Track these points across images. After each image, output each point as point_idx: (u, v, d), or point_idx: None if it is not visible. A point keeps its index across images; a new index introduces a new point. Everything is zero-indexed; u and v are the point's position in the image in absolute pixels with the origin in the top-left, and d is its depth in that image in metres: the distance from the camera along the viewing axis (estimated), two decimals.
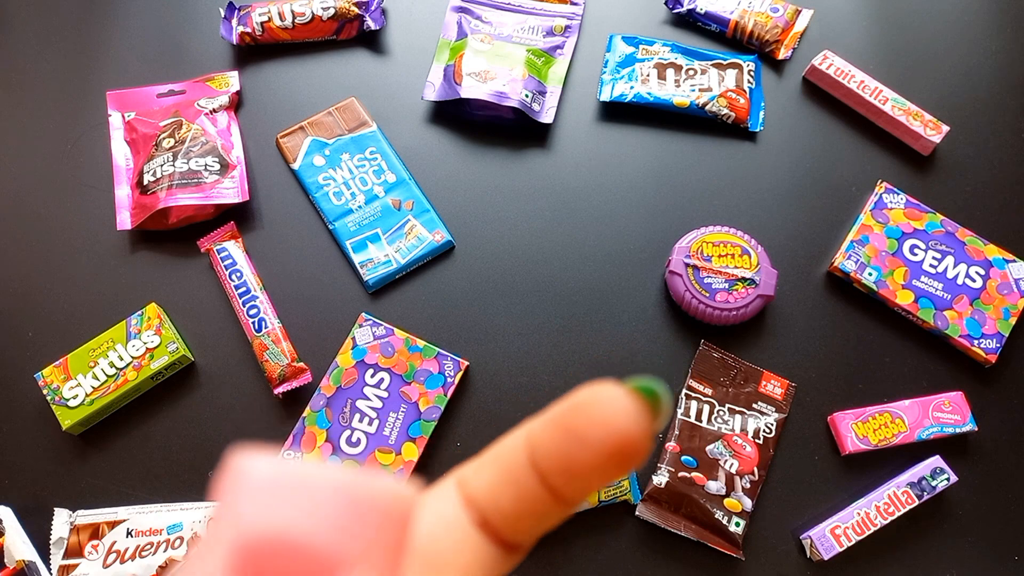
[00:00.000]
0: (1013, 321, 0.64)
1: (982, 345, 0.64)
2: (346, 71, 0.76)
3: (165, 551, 0.56)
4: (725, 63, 0.75)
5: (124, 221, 0.68)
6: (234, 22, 0.75)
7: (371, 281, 0.66)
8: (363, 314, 0.64)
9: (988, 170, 0.73)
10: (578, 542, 0.59)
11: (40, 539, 0.57)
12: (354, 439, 0.60)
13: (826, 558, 0.57)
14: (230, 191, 0.68)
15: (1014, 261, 0.66)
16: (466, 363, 0.63)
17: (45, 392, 0.60)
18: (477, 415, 0.63)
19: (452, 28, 0.77)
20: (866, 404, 0.63)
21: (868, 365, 0.65)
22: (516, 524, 0.15)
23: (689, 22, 0.79)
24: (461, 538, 0.15)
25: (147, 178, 0.68)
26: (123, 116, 0.72)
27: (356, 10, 0.75)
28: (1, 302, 0.66)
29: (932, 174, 0.72)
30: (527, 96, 0.72)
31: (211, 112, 0.72)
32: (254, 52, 0.77)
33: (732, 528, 0.57)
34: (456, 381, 0.62)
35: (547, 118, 0.73)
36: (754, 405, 0.62)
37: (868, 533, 0.58)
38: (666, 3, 0.79)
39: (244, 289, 0.64)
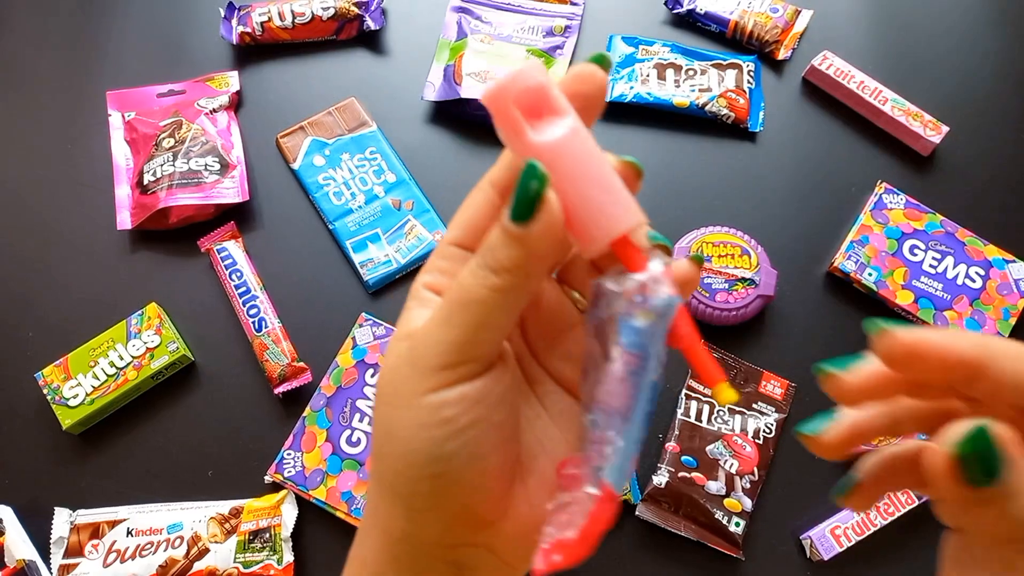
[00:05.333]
0: (1013, 322, 0.64)
1: None
2: (346, 71, 0.76)
3: (165, 551, 0.56)
4: (725, 63, 0.75)
5: (124, 221, 0.68)
6: (234, 22, 0.75)
7: (371, 281, 0.66)
8: (363, 314, 0.64)
9: (988, 170, 0.73)
10: None
11: (40, 538, 0.57)
12: (354, 439, 0.60)
13: (826, 558, 0.57)
14: (230, 191, 0.68)
15: (1014, 261, 0.66)
16: None
17: (45, 392, 0.60)
18: None
19: (452, 28, 0.77)
20: None
21: None
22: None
23: (689, 22, 0.79)
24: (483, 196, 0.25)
25: (147, 178, 0.68)
26: (123, 116, 0.72)
27: (356, 10, 0.75)
28: (1, 301, 0.66)
29: (932, 174, 0.73)
30: None
31: (211, 112, 0.72)
32: (254, 52, 0.77)
33: (732, 528, 0.57)
34: None
35: None
36: (754, 405, 0.62)
37: (868, 533, 0.58)
38: (666, 3, 0.79)
39: (244, 289, 0.64)
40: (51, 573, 0.56)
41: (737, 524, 0.58)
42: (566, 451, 0.25)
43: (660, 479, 0.58)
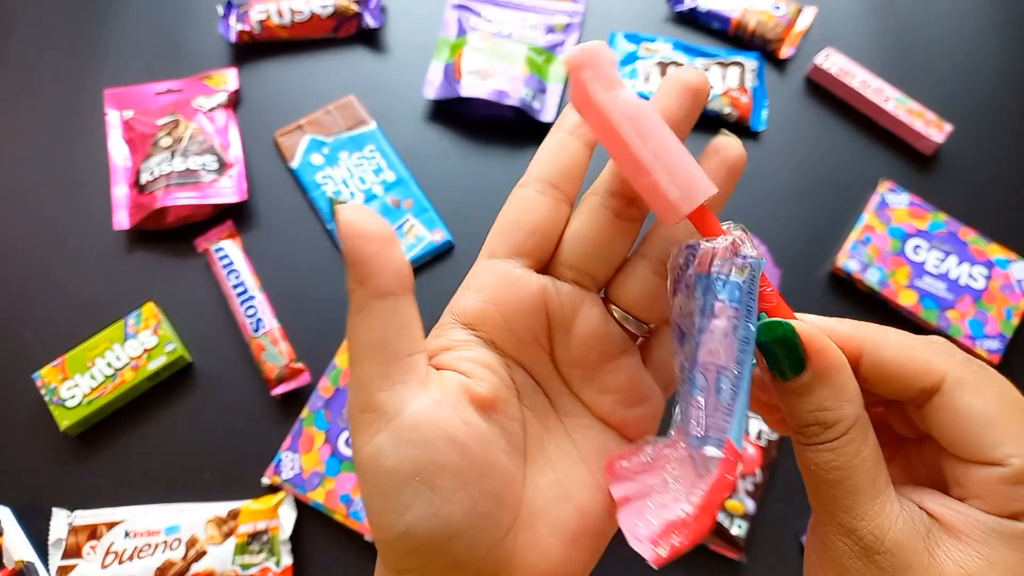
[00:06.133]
0: (1015, 322, 0.64)
1: (985, 346, 0.63)
2: (345, 69, 0.76)
3: (163, 552, 0.56)
4: (727, 61, 0.75)
5: (121, 220, 0.68)
6: (232, 20, 0.75)
7: None
8: None
9: (991, 169, 0.72)
10: None
11: (38, 540, 0.57)
12: None
13: None
14: (228, 190, 0.67)
15: (1016, 261, 0.66)
16: None
17: (43, 392, 0.60)
18: None
19: (452, 25, 0.77)
20: None
21: None
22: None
23: (691, 20, 0.79)
24: None
25: (144, 177, 0.67)
26: (121, 115, 0.72)
27: (355, 7, 0.75)
28: None
29: (935, 173, 0.72)
30: (527, 94, 0.71)
31: (209, 111, 0.71)
32: (252, 50, 0.76)
33: (734, 530, 0.57)
34: None
35: (548, 116, 0.72)
36: None
37: None
38: (668, 1, 0.78)
39: (242, 289, 0.64)
40: (49, 574, 0.56)
41: (739, 526, 0.57)
42: (594, 495, 0.23)
43: None
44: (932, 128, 0.71)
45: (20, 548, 0.56)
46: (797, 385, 0.20)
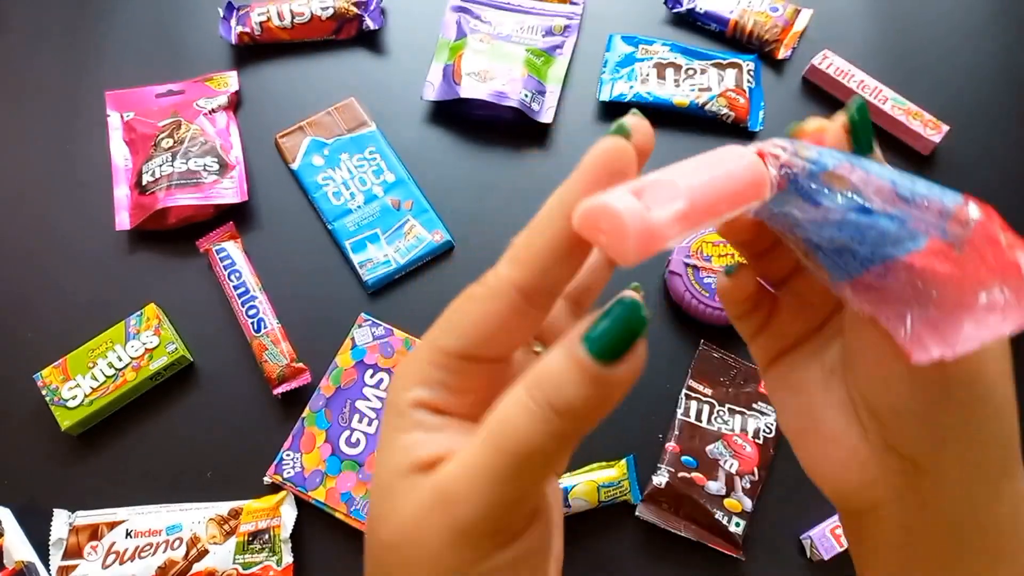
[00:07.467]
0: None
1: None
2: (345, 71, 0.76)
3: (164, 552, 0.56)
4: (725, 63, 0.75)
5: (123, 221, 0.68)
6: (233, 22, 0.75)
7: (370, 281, 0.66)
8: (362, 314, 0.64)
9: (988, 169, 0.73)
10: (578, 543, 0.59)
11: (39, 540, 0.57)
12: (353, 439, 0.60)
13: (826, 558, 0.57)
14: (229, 191, 0.68)
15: None
16: None
17: (44, 393, 0.60)
18: None
19: (451, 28, 0.77)
20: None
21: None
22: None
23: (689, 21, 0.79)
24: None
25: (146, 178, 0.68)
26: (122, 116, 0.72)
27: (355, 10, 0.75)
28: (0, 302, 0.66)
29: (932, 173, 0.72)
30: (526, 96, 0.72)
31: (210, 112, 0.71)
32: (253, 52, 0.77)
33: (732, 528, 0.57)
34: None
35: (546, 118, 0.73)
36: (754, 405, 0.62)
37: None
38: (666, 2, 0.79)
39: (243, 289, 0.64)
40: (50, 574, 0.56)
41: (737, 524, 0.57)
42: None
43: (660, 479, 0.58)
44: (929, 128, 0.71)
45: (20, 548, 0.57)
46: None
